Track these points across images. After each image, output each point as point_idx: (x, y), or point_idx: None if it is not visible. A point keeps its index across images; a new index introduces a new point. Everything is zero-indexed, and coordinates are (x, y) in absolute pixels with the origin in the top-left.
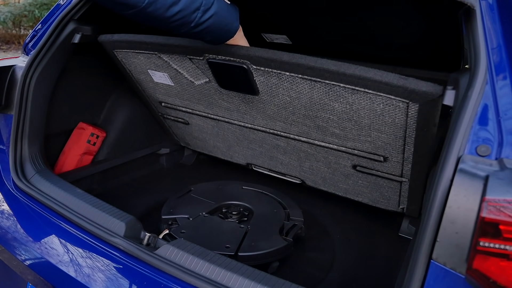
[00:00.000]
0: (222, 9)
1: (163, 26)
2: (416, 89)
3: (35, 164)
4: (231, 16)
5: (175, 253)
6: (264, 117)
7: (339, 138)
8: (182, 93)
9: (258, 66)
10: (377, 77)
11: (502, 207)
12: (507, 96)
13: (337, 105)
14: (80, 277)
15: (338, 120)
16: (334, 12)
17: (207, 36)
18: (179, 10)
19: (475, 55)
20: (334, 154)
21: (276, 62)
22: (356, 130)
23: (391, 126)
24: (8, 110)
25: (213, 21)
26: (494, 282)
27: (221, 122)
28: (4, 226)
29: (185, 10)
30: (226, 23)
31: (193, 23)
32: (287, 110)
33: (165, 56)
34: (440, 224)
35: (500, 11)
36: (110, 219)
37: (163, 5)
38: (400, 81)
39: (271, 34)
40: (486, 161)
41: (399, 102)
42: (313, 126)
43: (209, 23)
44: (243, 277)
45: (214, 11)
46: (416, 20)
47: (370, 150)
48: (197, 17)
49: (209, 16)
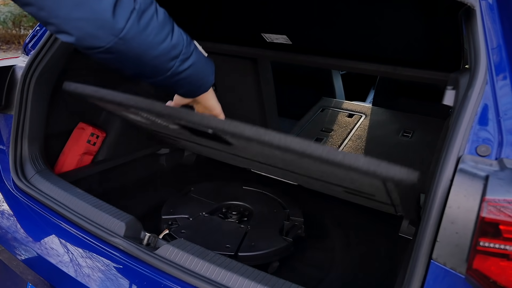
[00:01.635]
0: (200, 61)
1: (136, 71)
2: (388, 177)
3: (35, 164)
4: (208, 69)
5: (175, 253)
6: (244, 154)
7: (323, 180)
8: (161, 128)
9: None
10: (346, 161)
11: (502, 207)
12: (507, 96)
13: (314, 167)
14: (80, 277)
15: (318, 173)
16: (334, 12)
17: (181, 88)
18: (157, 55)
19: (475, 55)
20: (323, 183)
21: (240, 136)
22: (338, 181)
23: (371, 186)
24: (8, 110)
25: (191, 72)
26: (494, 282)
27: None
28: (4, 226)
29: (163, 56)
30: (202, 76)
31: (170, 71)
32: (264, 157)
33: (133, 109)
34: (440, 224)
35: (500, 11)
36: (110, 219)
37: (140, 46)
38: (371, 167)
39: (271, 34)
40: (486, 161)
41: (373, 179)
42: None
43: (186, 73)
44: (243, 277)
45: (192, 62)
46: (416, 20)
47: (356, 189)
48: (174, 65)
49: (187, 66)
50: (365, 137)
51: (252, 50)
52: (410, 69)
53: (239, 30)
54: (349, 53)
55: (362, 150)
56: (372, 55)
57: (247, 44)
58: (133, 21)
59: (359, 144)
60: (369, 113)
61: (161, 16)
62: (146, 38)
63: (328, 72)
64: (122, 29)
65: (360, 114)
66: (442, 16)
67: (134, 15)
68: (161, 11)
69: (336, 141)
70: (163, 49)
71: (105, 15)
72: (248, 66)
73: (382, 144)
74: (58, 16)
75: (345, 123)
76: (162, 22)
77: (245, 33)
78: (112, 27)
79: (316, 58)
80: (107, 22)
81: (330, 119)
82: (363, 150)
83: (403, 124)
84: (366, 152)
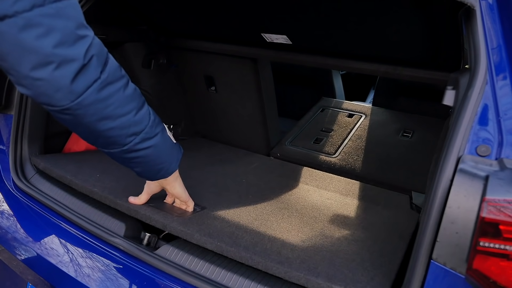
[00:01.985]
0: (164, 145)
1: (90, 138)
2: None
3: (35, 164)
4: (171, 155)
5: (175, 253)
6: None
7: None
8: None
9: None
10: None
11: (502, 207)
12: (507, 96)
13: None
14: (80, 277)
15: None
16: (334, 12)
17: (136, 166)
18: (114, 126)
19: (475, 55)
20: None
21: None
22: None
23: None
24: (8, 110)
25: (149, 153)
26: (494, 282)
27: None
28: (4, 226)
29: (121, 129)
30: (162, 161)
31: (127, 146)
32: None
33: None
34: (440, 224)
35: (500, 11)
36: (110, 219)
37: (97, 113)
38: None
39: (271, 34)
40: (486, 161)
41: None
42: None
43: (144, 153)
44: (243, 277)
45: (154, 143)
46: (416, 20)
47: None
48: (133, 141)
49: (147, 146)
50: (365, 137)
51: (252, 50)
52: (410, 69)
53: (239, 30)
54: (349, 53)
55: (362, 150)
56: (372, 55)
57: (247, 44)
58: (93, 90)
59: (359, 144)
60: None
61: (129, 91)
62: (106, 108)
63: (328, 72)
64: (79, 95)
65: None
66: (442, 16)
67: (96, 85)
68: (132, 87)
69: (336, 141)
70: (122, 122)
71: (63, 81)
72: (248, 66)
73: (382, 144)
74: (18, 71)
75: (345, 123)
76: (129, 97)
77: (245, 33)
78: (69, 92)
79: (316, 58)
80: (64, 87)
81: (330, 119)
82: (363, 150)
83: (403, 124)
84: (366, 152)
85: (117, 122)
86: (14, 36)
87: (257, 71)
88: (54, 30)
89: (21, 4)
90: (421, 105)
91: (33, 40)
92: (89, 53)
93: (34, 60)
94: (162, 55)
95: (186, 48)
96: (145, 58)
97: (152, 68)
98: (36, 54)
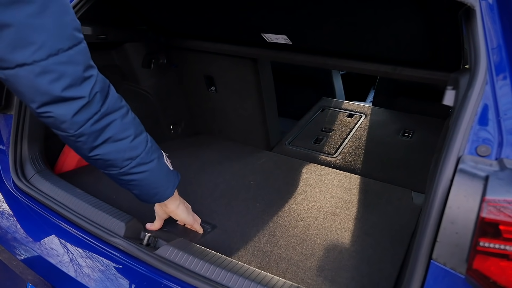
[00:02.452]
0: (160, 170)
1: (91, 160)
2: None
3: (35, 164)
4: (166, 181)
5: (175, 253)
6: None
7: None
8: None
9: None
10: None
11: (502, 207)
12: (507, 96)
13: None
14: (80, 277)
15: None
16: (334, 12)
17: (134, 189)
18: (110, 151)
19: (475, 55)
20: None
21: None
22: None
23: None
24: (8, 110)
25: (145, 177)
26: (494, 283)
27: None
28: (4, 226)
29: (117, 153)
30: (157, 186)
31: (123, 169)
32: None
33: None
34: (440, 224)
35: (500, 11)
36: (110, 219)
37: (95, 140)
38: None
39: (271, 34)
40: (486, 161)
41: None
42: None
43: (139, 176)
44: (243, 277)
45: (149, 168)
46: (416, 20)
47: None
48: (128, 165)
49: (142, 171)
50: (365, 137)
51: (252, 50)
52: (410, 69)
53: (239, 30)
54: (349, 53)
55: (362, 150)
56: (372, 55)
57: (247, 44)
58: (93, 121)
59: (359, 144)
60: (369, 113)
61: (128, 120)
62: (105, 134)
63: (328, 72)
64: (80, 126)
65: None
66: (442, 16)
67: (96, 117)
68: (131, 116)
69: (336, 141)
70: (118, 146)
71: (67, 116)
72: (248, 66)
73: (382, 144)
74: (30, 106)
75: (345, 123)
76: (127, 124)
77: (245, 33)
78: (72, 123)
79: (316, 58)
80: (67, 120)
81: (330, 119)
82: (363, 150)
83: (403, 124)
84: (366, 152)
85: (113, 146)
86: (31, 80)
87: (257, 71)
88: (65, 76)
89: (39, 54)
90: (421, 105)
91: (47, 84)
92: (94, 91)
93: (45, 99)
94: (162, 55)
95: (186, 48)
96: (145, 58)
97: (152, 68)
98: (47, 95)
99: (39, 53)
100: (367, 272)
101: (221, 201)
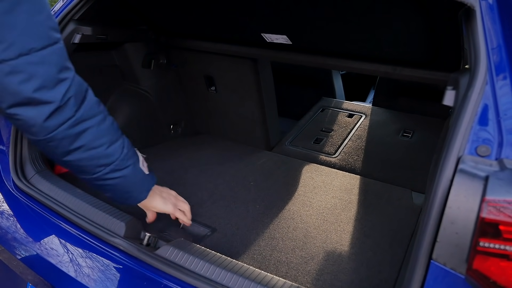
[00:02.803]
0: (134, 176)
1: (63, 165)
2: None
3: (35, 164)
4: (141, 186)
5: (175, 253)
6: None
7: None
8: None
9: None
10: None
11: (502, 208)
12: (507, 96)
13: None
14: (80, 277)
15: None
16: (334, 13)
17: (106, 192)
18: (82, 158)
19: (475, 55)
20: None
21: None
22: None
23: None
24: None
25: (118, 182)
26: (494, 283)
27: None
28: (4, 226)
29: (89, 160)
30: (131, 190)
31: (96, 175)
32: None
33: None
34: (440, 224)
35: (500, 11)
36: (110, 219)
37: (69, 145)
38: None
39: (271, 34)
40: (486, 162)
41: None
42: None
43: (113, 182)
44: (243, 277)
45: (123, 174)
46: (416, 20)
47: None
48: (101, 172)
49: (116, 177)
50: (365, 137)
51: (252, 50)
52: (410, 69)
53: (239, 30)
54: (349, 53)
55: (362, 150)
56: (372, 55)
57: (247, 44)
58: (66, 127)
59: (359, 144)
60: (369, 113)
61: (105, 126)
62: (78, 141)
63: (328, 72)
64: (51, 132)
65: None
66: (442, 16)
67: (69, 122)
68: (108, 121)
69: (336, 141)
70: (92, 154)
71: (37, 120)
72: (248, 66)
73: (382, 144)
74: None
75: (345, 123)
76: (103, 131)
77: (245, 33)
78: (42, 128)
79: (316, 58)
80: (37, 124)
81: (330, 119)
82: (363, 150)
83: (403, 124)
84: (366, 152)
85: (87, 153)
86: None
87: (257, 71)
88: (36, 76)
89: (8, 53)
90: (421, 105)
91: (16, 85)
92: (67, 95)
93: (14, 100)
94: (162, 55)
95: (186, 48)
96: (145, 58)
97: (152, 68)
98: (17, 96)
99: (8, 52)
100: (367, 275)
101: (221, 203)
